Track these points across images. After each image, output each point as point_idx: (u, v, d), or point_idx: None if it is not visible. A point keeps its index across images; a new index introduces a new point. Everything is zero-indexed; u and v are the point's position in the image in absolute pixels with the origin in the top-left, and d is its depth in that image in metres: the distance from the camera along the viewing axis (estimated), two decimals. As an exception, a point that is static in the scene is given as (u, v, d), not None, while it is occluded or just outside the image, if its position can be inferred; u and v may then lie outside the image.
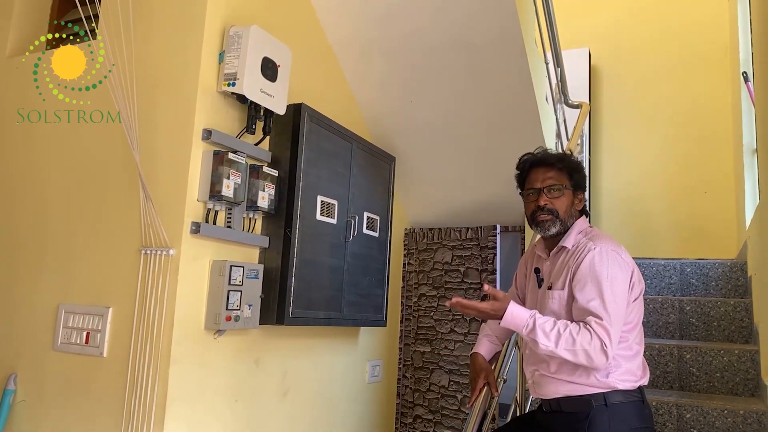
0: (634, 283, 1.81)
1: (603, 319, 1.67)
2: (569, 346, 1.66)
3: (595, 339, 1.65)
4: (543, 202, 1.87)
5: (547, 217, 1.87)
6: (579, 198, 1.95)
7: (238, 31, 2.34)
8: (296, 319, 2.53)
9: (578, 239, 1.87)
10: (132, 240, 2.28)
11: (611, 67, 4.74)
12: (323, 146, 2.74)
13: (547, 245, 1.98)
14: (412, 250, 3.81)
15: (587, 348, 1.65)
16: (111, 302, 2.30)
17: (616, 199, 4.52)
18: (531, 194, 1.92)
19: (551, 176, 1.90)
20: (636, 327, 1.82)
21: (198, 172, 2.26)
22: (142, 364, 2.16)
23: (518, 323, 1.71)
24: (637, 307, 1.84)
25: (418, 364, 3.68)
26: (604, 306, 1.69)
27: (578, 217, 1.95)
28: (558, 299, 1.82)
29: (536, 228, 1.92)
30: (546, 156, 1.94)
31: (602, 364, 1.68)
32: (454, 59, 2.97)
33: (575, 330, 1.68)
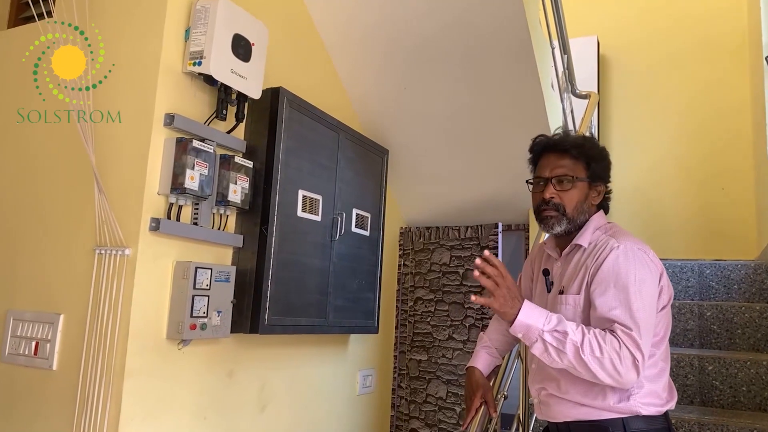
0: (663, 287, 1.54)
1: (632, 329, 1.40)
2: (596, 352, 1.38)
3: (625, 350, 1.38)
4: (549, 195, 1.60)
5: (551, 212, 1.60)
6: (597, 191, 1.67)
7: (206, 5, 2.08)
8: (273, 326, 2.27)
9: (596, 236, 1.60)
10: (85, 239, 2.03)
11: (621, 56, 4.46)
12: (305, 135, 2.48)
13: (558, 243, 1.71)
14: (407, 250, 3.55)
15: (614, 359, 1.38)
16: (62, 308, 2.05)
17: (627, 195, 4.23)
18: (538, 184, 1.65)
19: (563, 165, 1.62)
20: (663, 341, 1.55)
21: (159, 162, 2.01)
22: (93, 378, 1.90)
23: (537, 318, 1.44)
24: (665, 317, 1.57)
25: (414, 373, 3.41)
26: (631, 315, 1.42)
27: (595, 212, 1.67)
28: (573, 305, 1.54)
29: (540, 224, 1.66)
30: (561, 140, 1.65)
31: (631, 382, 1.41)
32: (451, 41, 2.71)
33: (601, 335, 1.41)
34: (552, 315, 1.46)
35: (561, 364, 1.43)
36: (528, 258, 1.89)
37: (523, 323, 1.45)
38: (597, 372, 1.39)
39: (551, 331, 1.43)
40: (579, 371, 1.41)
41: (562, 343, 1.41)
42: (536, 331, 1.44)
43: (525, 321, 1.45)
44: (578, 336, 1.41)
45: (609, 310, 1.43)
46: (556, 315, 1.47)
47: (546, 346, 1.43)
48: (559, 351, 1.42)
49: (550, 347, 1.42)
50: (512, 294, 1.47)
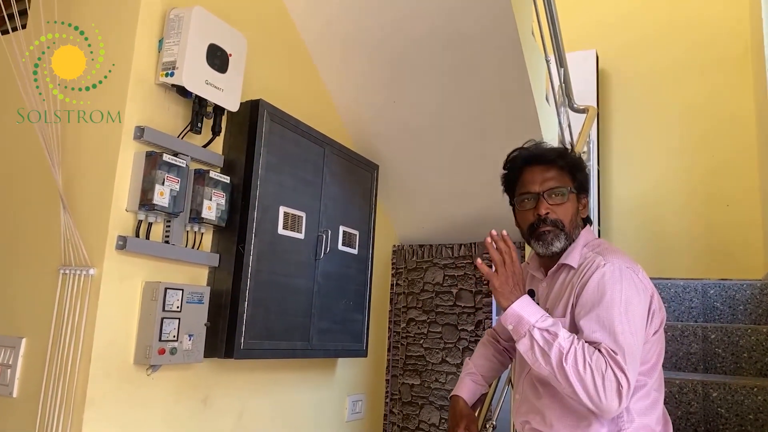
0: (654, 311, 1.42)
1: (617, 353, 1.28)
2: (579, 366, 1.27)
3: (610, 373, 1.26)
4: (544, 210, 1.49)
5: (549, 228, 1.49)
6: (583, 203, 1.57)
7: (179, 14, 2.00)
8: (250, 351, 2.15)
9: (583, 254, 1.49)
10: (50, 258, 1.92)
11: (620, 70, 4.37)
12: (288, 149, 2.38)
13: (542, 263, 1.60)
14: (400, 269, 3.43)
15: (597, 379, 1.26)
16: (25, 332, 1.94)
17: (627, 212, 4.12)
18: (527, 200, 1.54)
19: (552, 177, 1.52)
20: (655, 368, 1.43)
21: (128, 177, 1.91)
22: (53, 406, 1.78)
23: (532, 313, 1.35)
24: (657, 343, 1.44)
25: (406, 398, 3.27)
26: (615, 338, 1.30)
27: (583, 226, 1.57)
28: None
29: (536, 243, 1.53)
30: (544, 151, 1.56)
31: (612, 411, 1.28)
32: (439, 53, 2.62)
33: (589, 351, 1.30)
34: (549, 317, 1.36)
35: (544, 369, 1.32)
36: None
37: (515, 313, 1.36)
38: (576, 388, 1.27)
39: (542, 329, 1.33)
40: (559, 382, 1.30)
41: (549, 345, 1.30)
42: (527, 325, 1.34)
43: (518, 311, 1.36)
44: (567, 343, 1.30)
45: (592, 333, 1.32)
46: (553, 318, 1.36)
47: (533, 343, 1.33)
48: (543, 353, 1.31)
49: (536, 345, 1.32)
50: (516, 279, 1.40)
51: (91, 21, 2.02)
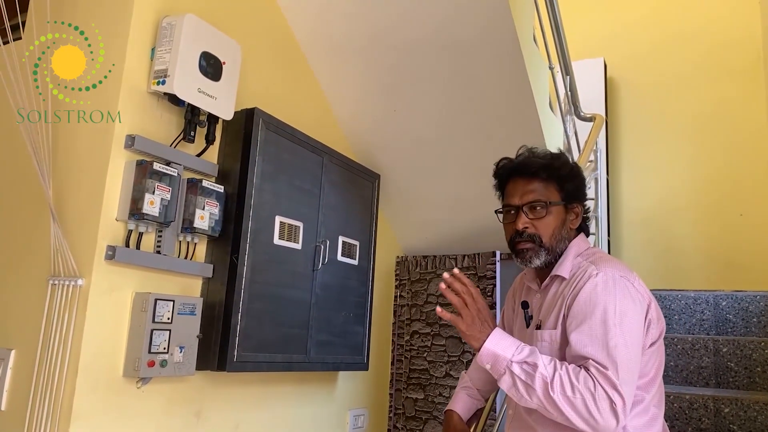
0: (651, 321, 1.35)
1: (607, 368, 1.22)
2: (568, 391, 1.21)
3: (600, 391, 1.20)
4: (522, 225, 1.43)
5: (527, 245, 1.43)
6: (575, 213, 1.50)
7: (171, 21, 1.98)
8: (243, 363, 2.10)
9: (576, 264, 1.42)
10: (40, 268, 1.90)
11: (629, 78, 4.30)
12: (284, 159, 2.35)
13: (538, 274, 1.54)
14: (404, 280, 3.37)
15: (588, 400, 1.20)
16: (14, 343, 1.91)
17: (638, 222, 4.03)
18: (508, 213, 1.48)
19: (533, 189, 1.45)
20: (654, 383, 1.36)
21: (119, 187, 1.88)
22: (40, 420, 1.75)
23: (507, 348, 1.28)
24: (656, 355, 1.37)
25: (410, 413, 3.20)
26: (608, 352, 1.24)
27: (575, 236, 1.50)
28: (549, 341, 1.37)
29: (516, 258, 1.48)
30: (527, 163, 1.48)
31: (609, 430, 1.21)
32: (439, 60, 2.58)
33: (575, 372, 1.24)
34: (525, 346, 1.30)
35: (532, 403, 1.25)
36: (510, 289, 1.72)
37: (490, 351, 1.29)
38: (569, 414, 1.20)
39: (521, 362, 1.26)
40: (551, 413, 1.23)
41: (531, 377, 1.24)
42: (504, 362, 1.27)
43: (492, 349, 1.29)
44: (549, 371, 1.24)
45: (583, 347, 1.26)
46: (529, 347, 1.30)
47: (514, 379, 1.26)
48: (527, 386, 1.24)
49: (518, 381, 1.26)
50: (482, 317, 1.32)
51: (92, 21, 2.00)
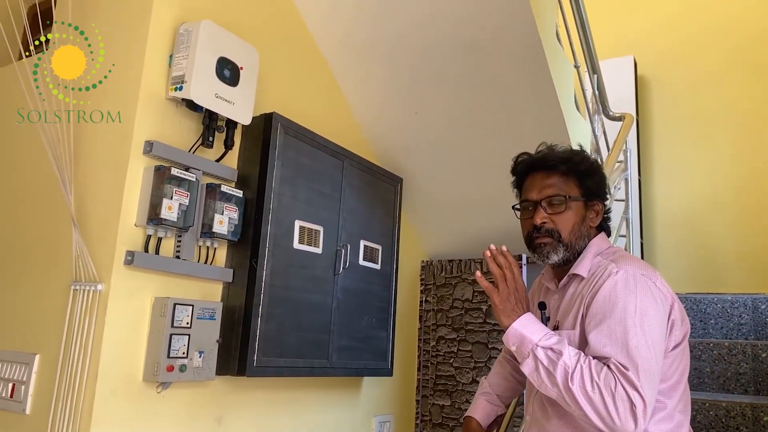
0: (674, 322, 1.29)
1: (628, 369, 1.17)
2: (587, 385, 1.17)
3: (621, 391, 1.14)
4: (540, 220, 1.39)
5: (545, 239, 1.38)
6: (595, 210, 1.45)
7: (189, 28, 2.00)
8: (264, 368, 2.09)
9: (596, 263, 1.37)
10: (62, 273, 1.93)
11: (660, 76, 4.19)
12: (303, 163, 2.34)
13: (556, 273, 1.49)
14: (429, 285, 3.33)
15: (607, 399, 1.14)
16: (38, 348, 1.94)
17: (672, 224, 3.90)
18: (526, 208, 1.44)
19: (552, 184, 1.41)
20: (678, 387, 1.29)
21: (137, 192, 1.90)
22: (61, 424, 1.77)
23: (535, 331, 1.26)
24: (680, 359, 1.31)
25: (436, 419, 3.15)
26: (628, 352, 1.18)
27: (594, 235, 1.45)
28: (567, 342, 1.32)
29: (533, 254, 1.43)
30: (546, 156, 1.45)
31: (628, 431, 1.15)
32: (460, 61, 2.55)
33: (597, 368, 1.19)
34: (554, 334, 1.27)
35: (552, 392, 1.21)
36: (530, 291, 1.66)
37: (517, 332, 1.26)
38: (586, 410, 1.16)
39: (546, 348, 1.23)
40: (569, 404, 1.19)
41: (553, 364, 1.20)
42: (530, 345, 1.24)
43: (520, 330, 1.26)
44: (572, 361, 1.20)
45: (602, 348, 1.21)
46: (558, 336, 1.25)
47: (537, 363, 1.23)
48: (549, 373, 1.21)
49: (540, 366, 1.22)
50: (518, 296, 1.31)
51: (92, 21, 2.03)
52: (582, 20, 2.98)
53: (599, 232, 1.46)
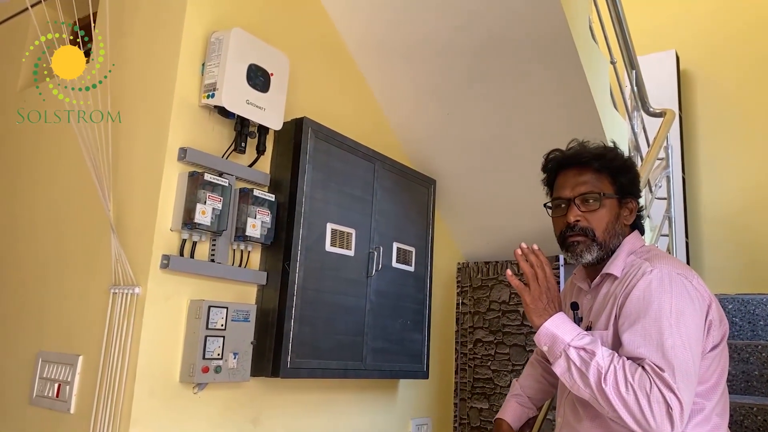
0: (711, 322, 1.25)
1: (664, 370, 1.13)
2: (621, 386, 1.14)
3: (656, 392, 1.11)
4: (573, 218, 1.37)
5: (579, 238, 1.36)
6: (629, 208, 1.43)
7: (220, 36, 2.04)
8: (297, 370, 2.12)
9: (629, 262, 1.34)
10: (102, 277, 1.99)
11: (705, 70, 4.05)
12: (335, 166, 2.36)
13: (588, 273, 1.46)
14: (465, 287, 3.30)
15: (641, 400, 1.12)
16: (81, 349, 2.01)
17: (719, 221, 3.77)
18: (559, 206, 1.42)
19: (585, 181, 1.39)
20: (716, 389, 1.25)
21: (173, 198, 1.95)
22: (103, 423, 1.83)
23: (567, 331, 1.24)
24: (718, 360, 1.27)
25: (475, 423, 3.12)
26: (664, 353, 1.15)
27: (628, 233, 1.42)
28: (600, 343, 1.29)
29: (566, 253, 1.41)
30: (579, 153, 1.43)
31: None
32: (491, 61, 2.53)
33: (631, 369, 1.16)
34: (587, 334, 1.24)
35: (584, 392, 1.19)
36: (561, 291, 1.63)
37: (549, 332, 1.24)
38: (620, 412, 1.13)
39: (579, 348, 1.21)
40: (602, 406, 1.17)
41: (586, 365, 1.18)
42: (562, 344, 1.22)
43: (552, 330, 1.24)
44: (606, 361, 1.17)
45: (636, 348, 1.18)
46: (591, 336, 1.23)
47: (569, 364, 1.21)
48: (581, 374, 1.18)
49: (573, 367, 1.20)
50: (550, 296, 1.29)
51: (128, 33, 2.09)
52: (618, 14, 2.92)
53: (632, 231, 1.43)
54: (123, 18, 2.20)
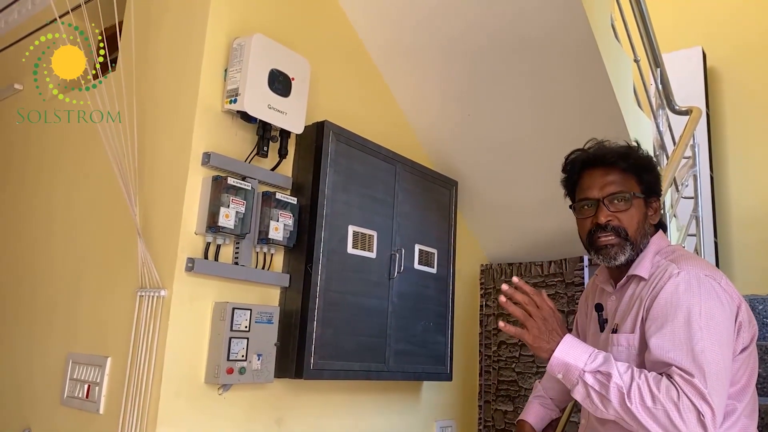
0: (741, 324, 1.23)
1: (693, 376, 1.11)
2: (647, 401, 1.12)
3: (685, 400, 1.10)
4: (604, 218, 1.35)
5: (611, 239, 1.35)
6: (653, 208, 1.41)
7: (241, 42, 2.08)
8: (320, 371, 2.13)
9: (656, 263, 1.33)
10: (130, 281, 2.04)
11: (733, 68, 3.98)
12: (356, 169, 2.38)
13: (612, 275, 1.45)
14: (489, 289, 3.29)
15: (671, 411, 1.10)
16: (110, 351, 2.05)
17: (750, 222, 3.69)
18: (586, 207, 1.40)
19: (613, 181, 1.38)
20: (745, 391, 1.23)
21: (197, 202, 1.99)
22: (131, 424, 1.86)
23: (579, 356, 1.21)
24: (748, 362, 1.25)
25: (499, 425, 3.10)
26: (694, 357, 1.13)
27: (653, 233, 1.40)
28: (626, 346, 1.28)
29: (596, 255, 1.39)
30: (604, 152, 1.42)
31: None
32: (512, 61, 2.52)
33: (655, 381, 1.14)
34: (599, 354, 1.21)
35: (608, 415, 1.17)
36: (583, 293, 1.62)
37: (560, 361, 1.22)
38: (650, 427, 1.11)
39: (594, 372, 1.18)
40: (629, 424, 1.15)
41: (605, 388, 1.16)
42: (576, 372, 1.20)
43: (563, 358, 1.22)
44: (625, 380, 1.15)
45: (665, 353, 1.15)
46: (603, 354, 1.21)
47: (588, 390, 1.19)
48: (602, 397, 1.16)
49: (592, 392, 1.18)
50: (549, 326, 1.25)
51: (153, 42, 2.12)
52: (641, 11, 2.89)
53: (657, 230, 1.41)
54: (148, 27, 2.25)
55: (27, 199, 2.71)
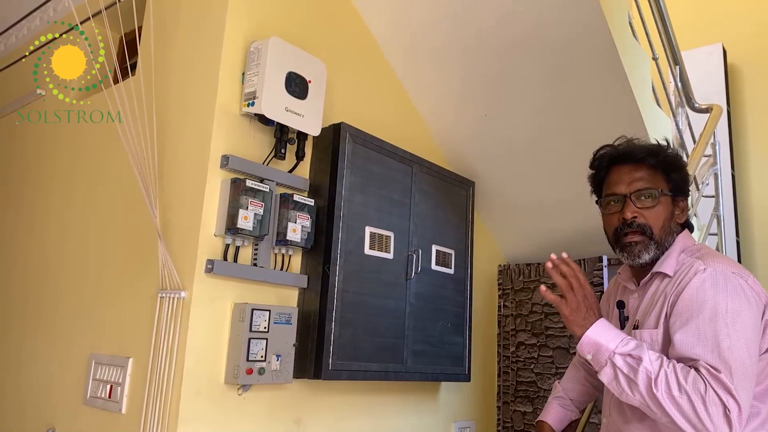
0: (767, 323, 1.21)
1: (720, 371, 1.11)
2: (674, 390, 1.11)
3: (712, 394, 1.09)
4: (630, 214, 1.34)
5: (636, 237, 1.34)
6: (680, 207, 1.40)
7: (258, 46, 2.10)
8: (339, 372, 2.14)
9: (681, 260, 1.32)
10: (150, 282, 2.06)
11: (754, 65, 3.92)
12: (372, 170, 2.38)
13: (635, 272, 1.44)
14: (507, 290, 3.27)
15: (697, 403, 1.09)
16: (132, 352, 2.08)
17: None
18: (612, 203, 1.40)
19: (641, 177, 1.37)
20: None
21: (216, 204, 2.01)
22: (153, 423, 1.89)
23: (611, 338, 1.21)
24: None
25: (518, 426, 3.08)
26: (720, 354, 1.13)
27: (679, 231, 1.39)
28: (649, 342, 1.28)
29: (621, 253, 1.39)
30: (633, 149, 1.41)
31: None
32: (529, 61, 2.51)
33: (683, 371, 1.13)
34: (631, 340, 1.22)
35: (634, 399, 1.17)
36: (605, 292, 1.61)
37: (592, 340, 1.22)
38: (674, 416, 1.10)
39: (624, 354, 1.18)
40: (653, 411, 1.14)
41: (634, 371, 1.15)
42: (606, 353, 1.20)
43: (595, 338, 1.22)
44: (655, 366, 1.14)
45: (690, 349, 1.15)
46: (636, 341, 1.21)
47: (616, 372, 1.18)
48: (630, 381, 1.16)
49: (620, 374, 1.18)
50: (588, 304, 1.26)
51: (173, 47, 2.15)
52: (660, 8, 2.86)
53: (683, 230, 1.40)
54: (166, 32, 2.28)
55: (46, 201, 2.76)
